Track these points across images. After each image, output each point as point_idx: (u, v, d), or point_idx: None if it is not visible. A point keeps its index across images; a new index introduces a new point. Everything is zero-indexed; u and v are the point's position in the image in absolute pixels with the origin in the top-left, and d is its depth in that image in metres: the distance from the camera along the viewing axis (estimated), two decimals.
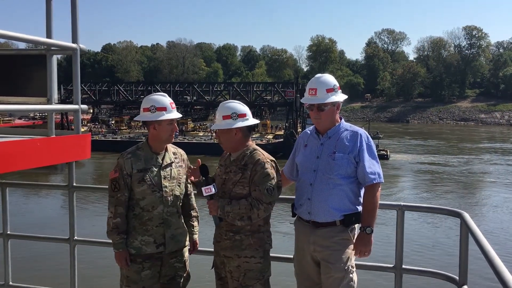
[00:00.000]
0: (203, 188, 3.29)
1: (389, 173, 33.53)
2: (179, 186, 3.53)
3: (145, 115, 3.41)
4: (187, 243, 3.64)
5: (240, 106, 3.38)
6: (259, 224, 3.34)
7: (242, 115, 3.34)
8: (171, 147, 3.60)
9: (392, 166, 37.57)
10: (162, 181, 3.44)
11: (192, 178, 3.54)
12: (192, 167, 3.60)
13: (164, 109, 3.39)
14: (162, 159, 3.49)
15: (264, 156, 3.34)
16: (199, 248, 3.82)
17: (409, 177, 34.88)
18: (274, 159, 3.41)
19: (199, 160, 3.47)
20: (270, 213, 3.38)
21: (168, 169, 3.49)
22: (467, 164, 39.93)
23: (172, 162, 3.53)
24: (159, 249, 3.43)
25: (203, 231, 3.86)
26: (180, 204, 3.58)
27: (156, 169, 3.44)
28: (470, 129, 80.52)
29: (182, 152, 3.70)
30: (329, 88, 3.34)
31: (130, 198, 3.42)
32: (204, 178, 3.34)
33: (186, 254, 3.64)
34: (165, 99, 3.44)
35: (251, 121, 3.39)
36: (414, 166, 38.91)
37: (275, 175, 3.31)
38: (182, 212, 3.62)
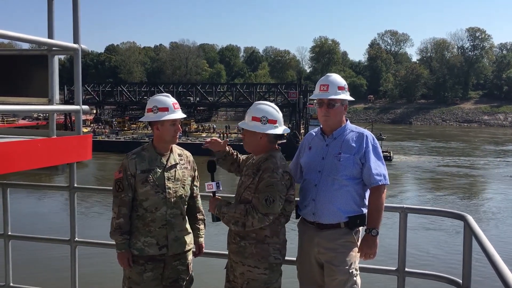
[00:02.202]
0: (206, 184, 3.29)
1: (393, 175, 33.48)
2: (183, 188, 3.51)
3: (148, 115, 3.41)
4: (191, 245, 3.60)
5: (273, 111, 3.23)
6: (265, 235, 3.18)
7: (273, 121, 3.19)
8: (176, 149, 3.58)
9: (395, 167, 37.48)
10: (166, 182, 3.42)
11: (214, 147, 3.48)
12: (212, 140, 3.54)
13: (166, 109, 3.38)
14: (167, 160, 3.47)
15: (277, 165, 3.15)
16: (206, 251, 3.77)
17: (412, 178, 34.81)
18: (288, 170, 3.24)
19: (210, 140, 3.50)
20: (283, 225, 3.28)
21: (172, 170, 3.47)
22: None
23: (177, 163, 3.51)
24: (162, 251, 3.40)
25: (212, 233, 3.81)
26: (185, 206, 3.55)
27: (159, 170, 3.42)
28: (482, 131, 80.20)
29: (189, 154, 3.67)
30: (340, 86, 3.38)
31: (134, 198, 3.41)
32: (211, 174, 3.34)
33: (190, 257, 3.60)
34: (168, 100, 3.43)
35: (281, 129, 3.21)
36: (420, 168, 38.79)
37: (281, 187, 3.11)
38: (188, 215, 3.60)
